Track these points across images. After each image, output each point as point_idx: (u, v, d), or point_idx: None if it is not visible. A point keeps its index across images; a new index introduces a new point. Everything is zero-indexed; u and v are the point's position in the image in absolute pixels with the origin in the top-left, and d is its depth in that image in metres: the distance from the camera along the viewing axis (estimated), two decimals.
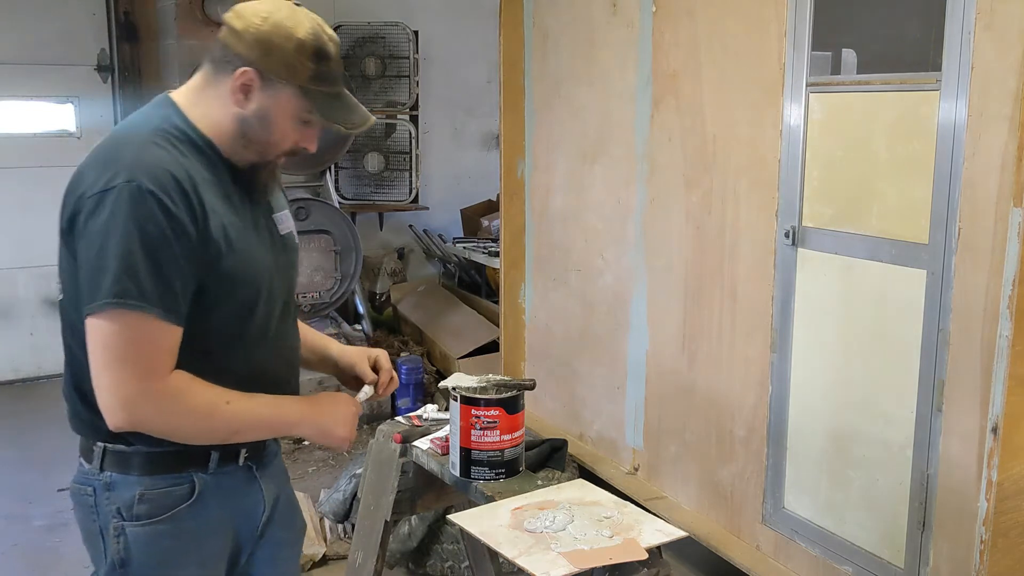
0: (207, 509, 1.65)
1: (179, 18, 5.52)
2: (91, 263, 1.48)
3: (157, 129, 1.58)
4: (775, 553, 2.75)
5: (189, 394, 1.54)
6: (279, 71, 1.58)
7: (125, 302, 1.45)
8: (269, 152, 1.64)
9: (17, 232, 5.68)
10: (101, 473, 1.65)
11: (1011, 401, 2.06)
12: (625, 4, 3.20)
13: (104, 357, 1.49)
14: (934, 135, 2.17)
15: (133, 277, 1.45)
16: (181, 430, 1.57)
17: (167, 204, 1.48)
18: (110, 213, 1.47)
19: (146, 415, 1.52)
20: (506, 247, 3.99)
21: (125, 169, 1.49)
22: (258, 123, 1.60)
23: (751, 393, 2.79)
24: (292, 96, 1.59)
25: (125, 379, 1.48)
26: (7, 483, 4.25)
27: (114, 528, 1.63)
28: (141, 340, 1.48)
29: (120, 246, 1.45)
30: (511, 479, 2.57)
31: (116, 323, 1.47)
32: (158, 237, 1.47)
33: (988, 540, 2.13)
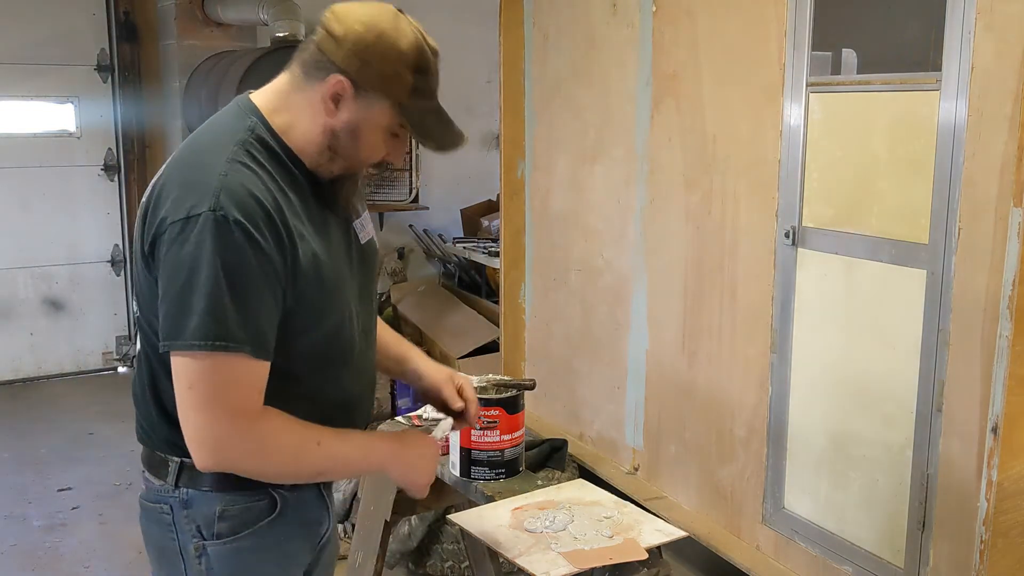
0: (288, 523, 1.59)
1: (179, 18, 5.52)
2: (175, 297, 1.39)
3: (241, 143, 1.47)
4: (775, 553, 2.75)
5: (281, 434, 1.47)
6: (376, 84, 1.47)
7: (212, 344, 1.37)
8: (356, 166, 1.55)
9: (17, 232, 5.68)
10: (177, 490, 1.55)
11: (1011, 401, 2.06)
12: (625, 4, 3.20)
13: (191, 398, 1.41)
14: (934, 135, 2.17)
15: (220, 317, 1.37)
16: (269, 471, 1.50)
17: (255, 236, 1.39)
18: (195, 245, 1.37)
19: (236, 456, 1.45)
20: (506, 247, 3.99)
21: (210, 195, 1.38)
22: (347, 136, 1.50)
23: (751, 393, 2.79)
24: (387, 110, 1.49)
25: (214, 420, 1.41)
26: (6, 483, 4.25)
27: (195, 548, 1.54)
28: (230, 381, 1.41)
29: (207, 283, 1.37)
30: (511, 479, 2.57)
31: (203, 364, 1.39)
32: (246, 272, 1.38)
33: (988, 540, 2.13)
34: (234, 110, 1.56)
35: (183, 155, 1.52)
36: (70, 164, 5.79)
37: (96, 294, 5.97)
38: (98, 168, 5.87)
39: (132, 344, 6.04)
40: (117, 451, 4.63)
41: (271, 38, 5.05)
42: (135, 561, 3.55)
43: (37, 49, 5.56)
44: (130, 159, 5.95)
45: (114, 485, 4.24)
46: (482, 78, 6.21)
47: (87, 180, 5.85)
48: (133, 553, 3.60)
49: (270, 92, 1.56)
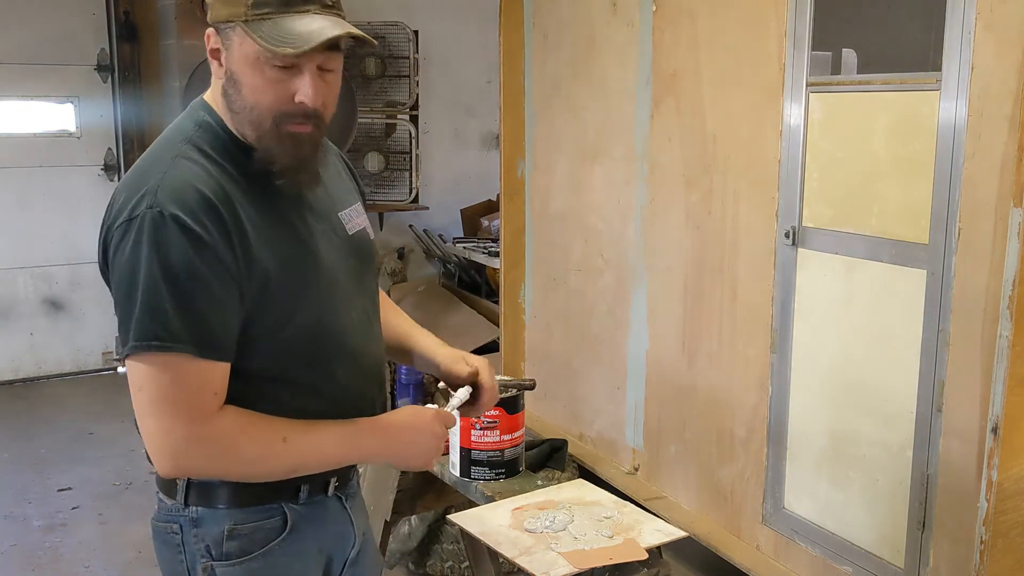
0: (301, 541, 1.53)
1: (179, 18, 5.53)
2: (121, 304, 1.37)
3: (188, 138, 1.45)
4: (775, 553, 2.75)
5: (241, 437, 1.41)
6: (221, 14, 1.39)
7: (150, 344, 1.34)
8: (258, 119, 1.41)
9: (17, 232, 5.68)
10: (186, 508, 1.51)
11: (1011, 401, 2.06)
12: (625, 4, 3.20)
13: (143, 403, 1.38)
14: (934, 135, 2.17)
15: (159, 317, 1.33)
16: (234, 472, 1.45)
17: (193, 228, 1.33)
18: (133, 245, 1.34)
19: (195, 462, 1.41)
20: (506, 247, 3.99)
21: (149, 194, 1.35)
22: (232, 86, 1.42)
23: (751, 393, 2.78)
24: (242, 38, 1.38)
25: (169, 425, 1.37)
26: (6, 483, 4.25)
27: (203, 569, 1.50)
28: (178, 383, 1.36)
29: (144, 283, 1.33)
30: (511, 479, 2.58)
31: (149, 366, 1.36)
32: (186, 269, 1.33)
33: (988, 540, 2.12)
34: (188, 111, 1.53)
35: (136, 163, 1.48)
36: (70, 164, 5.79)
37: (96, 294, 5.97)
38: (98, 168, 5.87)
39: None
40: (117, 451, 4.63)
41: None
42: (135, 561, 3.55)
43: (37, 49, 5.56)
44: (130, 159, 5.95)
45: (114, 485, 4.24)
46: (482, 78, 6.22)
47: (87, 180, 5.85)
48: (133, 553, 3.61)
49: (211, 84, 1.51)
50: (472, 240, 5.90)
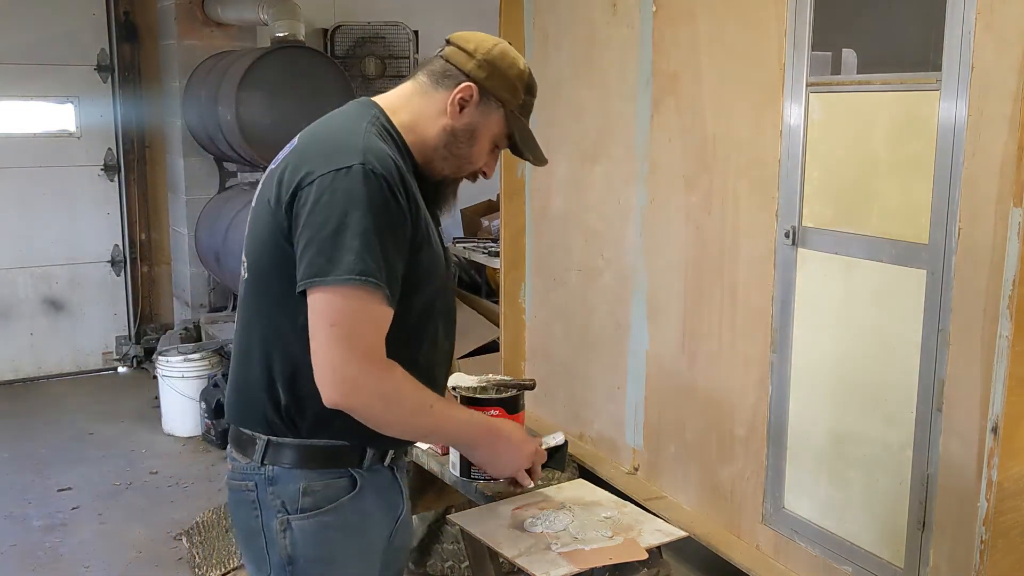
0: (366, 502, 1.67)
1: (179, 18, 5.53)
2: (327, 238, 1.49)
3: (372, 122, 1.64)
4: (775, 553, 2.75)
5: (404, 387, 1.57)
6: (499, 92, 1.70)
7: (366, 280, 1.48)
8: (463, 167, 1.74)
9: (17, 232, 5.69)
10: (263, 467, 1.63)
11: (1011, 401, 2.06)
12: (625, 4, 3.21)
13: (331, 334, 1.50)
14: (934, 135, 2.17)
15: (374, 256, 1.49)
16: (388, 419, 1.59)
17: (396, 191, 1.53)
18: (345, 192, 1.50)
19: (363, 397, 1.53)
20: (506, 247, 3.99)
21: (358, 152, 1.53)
22: (465, 137, 1.70)
23: (751, 393, 2.79)
24: (500, 119, 1.72)
25: (349, 358, 1.50)
26: (6, 483, 4.25)
27: (279, 523, 1.63)
28: (369, 320, 1.51)
29: (359, 224, 1.48)
30: None
31: (350, 301, 1.49)
32: (388, 221, 1.52)
33: (988, 540, 2.12)
34: (355, 105, 1.72)
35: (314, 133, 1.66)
36: (70, 164, 5.79)
37: (96, 294, 5.97)
38: (98, 168, 5.87)
39: (132, 344, 6.04)
40: (117, 451, 4.63)
41: (271, 38, 5.06)
42: (135, 561, 3.55)
43: (37, 49, 5.56)
44: (130, 159, 5.95)
45: (114, 485, 4.24)
46: None
47: (87, 180, 5.86)
48: (133, 553, 3.61)
49: (392, 95, 1.74)
50: (472, 240, 5.90)
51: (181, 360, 4.88)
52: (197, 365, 4.86)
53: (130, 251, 6.04)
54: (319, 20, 5.98)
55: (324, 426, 1.61)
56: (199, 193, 5.71)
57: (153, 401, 5.25)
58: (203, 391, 4.79)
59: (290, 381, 1.59)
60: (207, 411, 4.72)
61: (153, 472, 4.41)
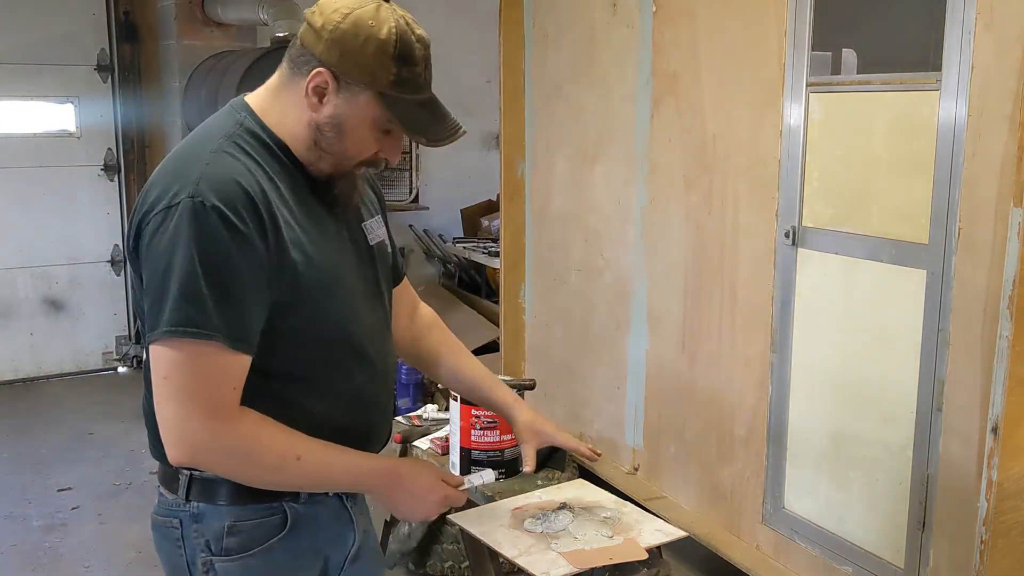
0: (299, 540, 1.54)
1: (179, 18, 5.52)
2: (153, 287, 1.36)
3: (229, 135, 1.46)
4: (775, 553, 2.75)
5: (258, 442, 1.42)
6: (356, 74, 1.43)
7: (186, 330, 1.33)
8: (344, 163, 1.50)
9: (17, 232, 5.68)
10: (187, 504, 1.51)
11: (1011, 401, 2.06)
12: (625, 4, 3.20)
13: (166, 389, 1.37)
14: (934, 135, 2.17)
15: (196, 303, 1.33)
16: (241, 476, 1.45)
17: (233, 221, 1.35)
18: (172, 232, 1.35)
19: (209, 455, 1.41)
20: (506, 247, 3.99)
21: (191, 183, 1.36)
22: (332, 131, 1.46)
23: (751, 393, 2.78)
24: (370, 102, 1.44)
25: (189, 414, 1.37)
26: (6, 483, 4.25)
27: (202, 563, 1.51)
28: (205, 371, 1.36)
29: (182, 268, 1.33)
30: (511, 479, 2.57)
31: (178, 352, 1.35)
32: (223, 259, 1.35)
33: (988, 540, 2.12)
34: (226, 110, 1.54)
35: (172, 154, 1.50)
36: (70, 164, 5.79)
37: (96, 294, 5.97)
38: (98, 168, 5.87)
39: (132, 344, 6.04)
40: (117, 451, 4.62)
41: (271, 38, 5.05)
42: (135, 561, 3.55)
43: (37, 49, 5.55)
44: (130, 159, 5.95)
45: (114, 485, 4.24)
46: (482, 78, 6.21)
47: (87, 180, 5.85)
48: (133, 553, 3.60)
49: (262, 91, 1.55)
50: (472, 240, 5.90)
51: None
52: None
53: None
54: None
55: None
56: None
57: None
58: None
59: None
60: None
61: (153, 472, 4.39)
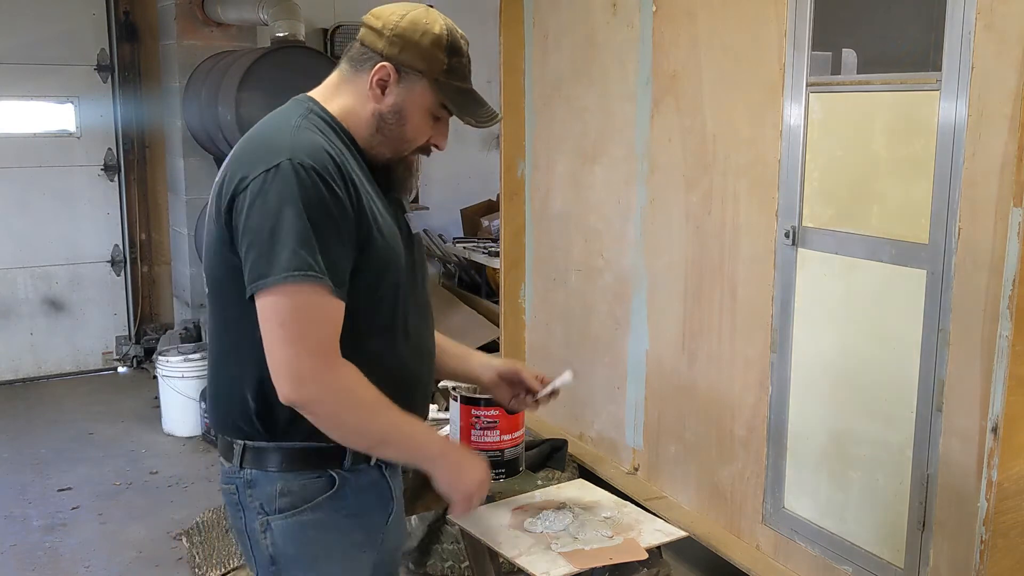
0: (347, 501, 1.66)
1: (179, 18, 5.52)
2: (264, 240, 1.49)
3: (304, 116, 1.62)
4: (775, 553, 2.75)
5: (358, 386, 1.55)
6: (415, 64, 1.62)
7: (305, 274, 1.47)
8: (403, 148, 1.68)
9: (17, 232, 5.68)
10: (242, 471, 1.65)
11: (1011, 401, 2.06)
12: (625, 4, 3.20)
13: (282, 335, 1.50)
14: (934, 135, 2.17)
15: (309, 250, 1.48)
16: (342, 417, 1.56)
17: (329, 181, 1.51)
18: (278, 191, 1.50)
19: (316, 392, 1.52)
20: (506, 247, 3.99)
21: (286, 150, 1.52)
22: (393, 118, 1.64)
23: (751, 393, 2.79)
24: (426, 90, 1.63)
25: (300, 354, 1.49)
26: (6, 483, 4.25)
27: (260, 524, 1.64)
28: (317, 315, 1.50)
29: (292, 222, 1.48)
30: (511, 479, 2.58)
31: (293, 298, 1.49)
32: (324, 213, 1.50)
33: (988, 540, 2.13)
34: (291, 103, 1.70)
35: (250, 136, 1.65)
36: (70, 164, 5.79)
37: (96, 294, 5.97)
38: (98, 168, 5.87)
39: (132, 344, 6.04)
40: (117, 451, 4.62)
41: (271, 38, 5.05)
42: (135, 561, 3.55)
43: (37, 49, 5.56)
44: (130, 159, 5.95)
45: (114, 485, 4.24)
46: (482, 78, 6.18)
47: (87, 180, 5.85)
48: (133, 553, 3.61)
49: (323, 87, 1.71)
50: (472, 240, 5.90)
51: (181, 360, 4.88)
52: (197, 365, 4.86)
53: (130, 251, 6.03)
54: (319, 20, 5.98)
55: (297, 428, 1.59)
56: (199, 193, 5.70)
57: (153, 401, 5.25)
58: (203, 391, 4.79)
59: (258, 386, 1.60)
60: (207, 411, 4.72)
61: (153, 472, 4.41)
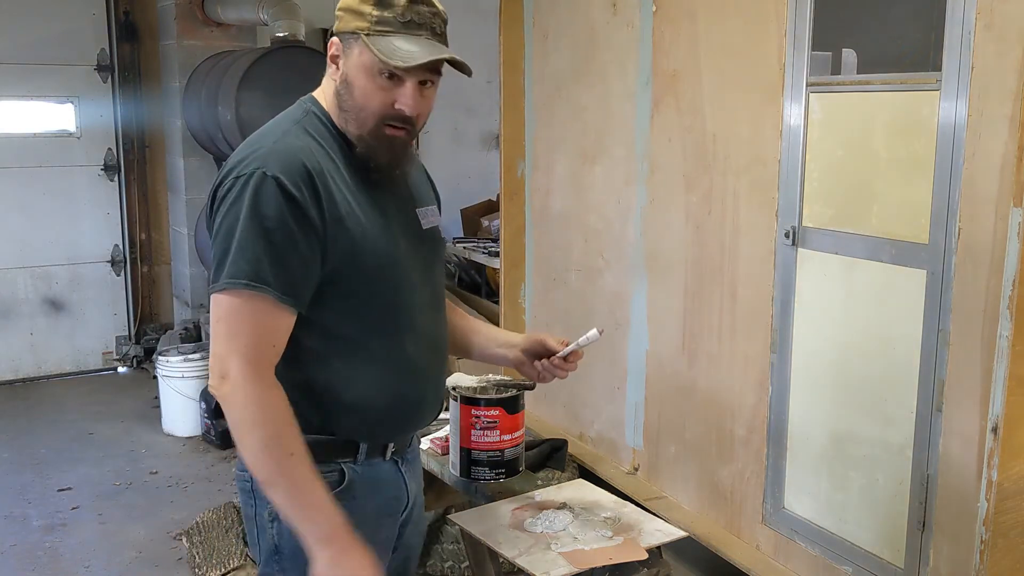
0: (356, 498, 1.67)
1: (179, 18, 5.53)
2: (218, 245, 1.56)
3: (298, 120, 1.67)
4: (775, 553, 2.75)
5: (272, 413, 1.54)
6: (349, 27, 1.62)
7: (248, 284, 1.52)
8: (364, 118, 1.63)
9: (17, 232, 5.69)
10: None
11: (1011, 401, 2.06)
12: (625, 4, 3.20)
13: (217, 330, 1.56)
14: (934, 135, 2.17)
15: (252, 260, 1.52)
16: (242, 432, 1.56)
17: (291, 191, 1.54)
18: (236, 198, 1.55)
19: (231, 395, 1.55)
20: (506, 247, 3.99)
21: (258, 158, 1.57)
22: (344, 88, 1.64)
23: (751, 393, 2.79)
24: (363, 49, 1.61)
25: (230, 352, 1.54)
26: (6, 483, 4.25)
27: (268, 514, 1.66)
28: (252, 320, 1.54)
29: (242, 230, 1.53)
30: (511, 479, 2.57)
31: (232, 300, 1.54)
32: (282, 226, 1.53)
33: (988, 540, 2.13)
34: (297, 104, 1.74)
35: (246, 139, 1.70)
36: (70, 164, 5.79)
37: (96, 294, 5.97)
38: (98, 168, 5.87)
39: (132, 344, 6.04)
40: (117, 451, 4.63)
41: (271, 38, 5.05)
42: (135, 561, 3.55)
43: (37, 49, 5.56)
44: (130, 159, 5.95)
45: (114, 485, 4.24)
46: (482, 78, 6.19)
47: (87, 180, 5.86)
48: (133, 553, 3.61)
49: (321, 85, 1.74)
50: (472, 240, 5.90)
51: (181, 360, 4.88)
52: (197, 365, 4.86)
53: (130, 251, 6.04)
54: (319, 20, 5.98)
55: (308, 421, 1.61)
56: (199, 193, 5.71)
57: (153, 401, 5.25)
58: (203, 391, 4.79)
59: None
60: (207, 411, 4.72)
61: (153, 472, 4.41)
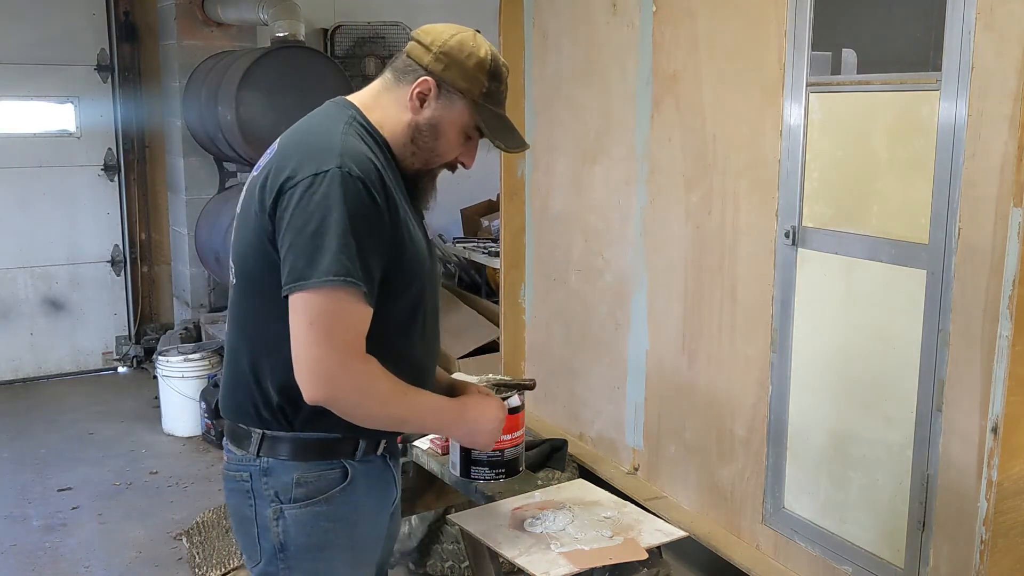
0: (357, 493, 1.73)
1: (179, 18, 5.53)
2: (306, 241, 1.55)
3: (348, 122, 1.69)
4: (775, 553, 2.75)
5: (380, 377, 1.62)
6: (457, 83, 1.71)
7: (344, 280, 1.54)
8: (433, 161, 1.76)
9: (17, 232, 5.69)
10: (258, 459, 1.71)
11: (1011, 401, 2.06)
12: (625, 4, 3.21)
13: (311, 335, 1.56)
14: (934, 135, 2.17)
15: (351, 256, 1.55)
16: (366, 409, 1.63)
17: (372, 192, 1.59)
18: (323, 195, 1.56)
19: (343, 391, 1.59)
20: (506, 247, 3.99)
21: (335, 156, 1.59)
22: (429, 131, 1.72)
23: (751, 393, 2.79)
24: (464, 109, 1.72)
25: (329, 354, 1.56)
26: (6, 483, 4.25)
27: (273, 512, 1.69)
28: (347, 318, 1.57)
29: (337, 228, 1.54)
30: (511, 479, 2.58)
31: (329, 300, 1.55)
32: (365, 223, 1.57)
33: (988, 540, 2.13)
34: (331, 106, 1.77)
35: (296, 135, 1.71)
36: (70, 164, 5.79)
37: (96, 294, 5.97)
38: (98, 168, 5.87)
39: (132, 344, 6.04)
40: (117, 451, 4.63)
41: (271, 38, 5.06)
42: (135, 561, 3.55)
43: (37, 49, 5.56)
44: (130, 159, 5.95)
45: (114, 485, 4.24)
46: None
47: (87, 180, 5.86)
48: (133, 553, 3.61)
49: (364, 94, 1.78)
50: (472, 240, 5.90)
51: (181, 360, 4.88)
52: (197, 365, 4.87)
53: (130, 251, 6.04)
54: (319, 20, 5.98)
55: (317, 421, 1.66)
56: (199, 193, 5.71)
57: (153, 401, 5.25)
58: (203, 391, 4.79)
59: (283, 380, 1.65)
60: (207, 411, 4.72)
61: (153, 472, 4.41)
